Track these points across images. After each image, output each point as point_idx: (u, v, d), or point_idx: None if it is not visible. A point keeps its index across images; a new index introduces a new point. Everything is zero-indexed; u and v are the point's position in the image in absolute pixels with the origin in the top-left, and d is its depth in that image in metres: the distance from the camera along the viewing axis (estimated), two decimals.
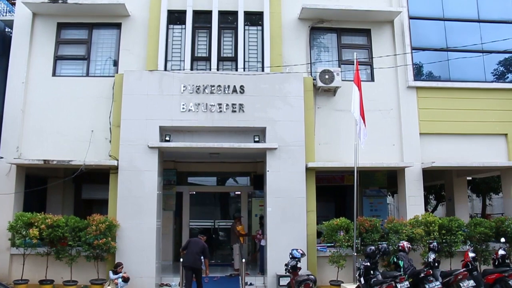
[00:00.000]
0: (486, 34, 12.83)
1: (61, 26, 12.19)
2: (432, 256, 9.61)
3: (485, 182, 18.36)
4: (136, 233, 10.54)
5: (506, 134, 12.34)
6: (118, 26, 12.18)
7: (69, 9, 11.84)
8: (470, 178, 16.83)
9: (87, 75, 11.98)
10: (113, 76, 11.63)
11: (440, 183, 17.61)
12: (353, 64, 11.02)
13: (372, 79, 12.25)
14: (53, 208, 12.99)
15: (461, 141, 12.19)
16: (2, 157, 11.12)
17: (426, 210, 13.16)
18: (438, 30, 12.86)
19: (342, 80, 11.66)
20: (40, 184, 12.53)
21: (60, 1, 11.60)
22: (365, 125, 10.38)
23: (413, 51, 12.42)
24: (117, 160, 10.89)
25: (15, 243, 10.40)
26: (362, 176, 13.62)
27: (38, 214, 10.27)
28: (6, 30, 13.35)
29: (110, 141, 11.26)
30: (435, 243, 9.90)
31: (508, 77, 13.02)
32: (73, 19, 12.15)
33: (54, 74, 11.89)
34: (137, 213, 10.62)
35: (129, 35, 12.07)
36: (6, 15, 13.73)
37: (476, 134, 12.27)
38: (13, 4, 14.14)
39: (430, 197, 21.36)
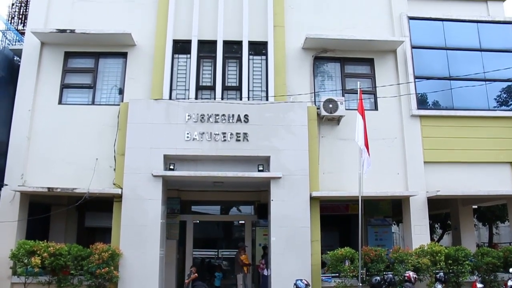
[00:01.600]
0: (488, 63, 12.93)
1: (68, 55, 12.36)
2: (439, 287, 9.45)
3: (490, 210, 18.19)
4: (139, 262, 10.43)
5: (510, 163, 12.28)
6: (124, 55, 12.35)
7: (77, 39, 12.03)
8: (475, 206, 16.68)
9: (93, 103, 12.08)
10: (119, 105, 11.73)
11: (446, 212, 17.44)
12: (357, 93, 11.08)
13: (376, 108, 12.31)
14: (56, 236, 12.91)
15: (466, 169, 12.11)
16: (6, 184, 11.13)
17: (432, 239, 13.00)
18: (441, 59, 12.96)
19: (346, 109, 11.70)
20: (43, 211, 12.48)
21: (68, 31, 11.80)
22: (369, 154, 10.35)
23: (416, 80, 12.48)
24: (121, 188, 10.88)
25: (16, 271, 10.26)
26: (367, 205, 13.44)
27: (40, 242, 10.20)
28: (15, 58, 13.59)
29: (115, 169, 11.26)
30: (441, 274, 9.74)
31: (511, 104, 13.02)
32: (80, 48, 12.32)
33: (60, 102, 11.99)
34: (140, 242, 10.53)
35: (135, 64, 12.22)
36: (15, 44, 14.00)
37: (480, 163, 12.20)
38: (23, 33, 14.42)
39: (436, 226, 21.16)
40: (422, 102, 12.58)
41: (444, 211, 17.37)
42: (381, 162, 11.61)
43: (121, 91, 12.17)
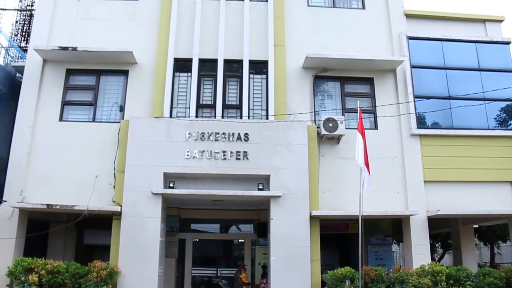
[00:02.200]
0: (487, 82, 13.02)
1: (70, 72, 12.44)
2: None
3: (491, 230, 18.09)
4: (138, 281, 10.33)
5: (511, 182, 12.28)
6: (125, 73, 12.43)
7: (79, 56, 12.12)
8: (476, 226, 16.60)
9: (94, 120, 12.11)
10: (119, 122, 11.77)
11: (446, 231, 17.36)
12: (357, 112, 11.13)
13: (376, 127, 12.35)
14: (55, 253, 12.82)
15: (466, 188, 12.11)
16: (5, 201, 11.10)
17: (432, 259, 12.91)
18: (440, 79, 13.05)
19: (346, 128, 11.73)
20: (42, 228, 12.42)
21: (70, 48, 11.90)
22: (369, 173, 10.35)
23: (416, 99, 12.54)
24: (121, 206, 10.85)
25: None
26: (367, 224, 13.38)
27: (38, 259, 10.09)
28: (17, 75, 13.68)
29: (114, 187, 11.24)
30: None
31: (510, 124, 13.07)
32: (82, 65, 12.41)
33: (61, 119, 12.03)
34: (139, 260, 10.45)
35: (136, 81, 12.30)
36: (18, 61, 14.14)
37: (481, 182, 12.20)
38: (25, 50, 14.57)
39: (437, 245, 21.01)
40: (421, 121, 12.62)
41: (444, 231, 17.29)
42: (381, 181, 11.60)
43: (121, 109, 12.22)
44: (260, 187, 11.29)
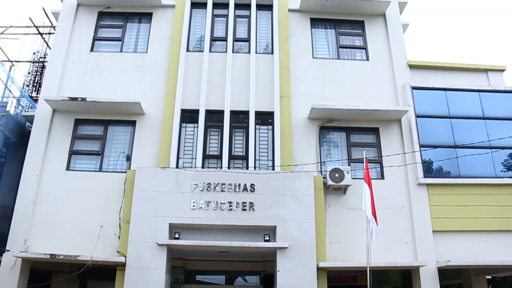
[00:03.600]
0: (492, 131, 13.05)
1: (78, 122, 12.61)
2: None
3: (507, 281, 17.58)
4: None
5: None
6: (132, 123, 12.59)
7: (87, 107, 12.33)
8: (489, 277, 16.15)
9: (100, 170, 12.16)
10: (125, 172, 11.80)
11: (458, 283, 16.86)
12: (363, 162, 11.13)
13: (382, 177, 12.30)
14: None
15: (477, 238, 11.87)
16: (8, 250, 11.00)
17: None
18: (445, 127, 13.10)
19: (352, 178, 11.70)
20: (44, 278, 12.23)
21: (79, 99, 12.12)
22: (376, 224, 10.22)
23: (422, 148, 12.54)
24: (125, 256, 10.70)
25: None
26: (376, 275, 13.11)
27: None
28: (27, 124, 13.90)
29: (119, 237, 11.13)
30: None
31: None
32: (90, 115, 12.61)
33: (68, 168, 12.08)
34: None
35: (143, 132, 12.44)
36: (28, 111, 14.39)
37: (491, 231, 11.96)
38: (36, 100, 14.85)
39: None
40: (428, 170, 12.57)
41: (456, 282, 16.78)
42: (389, 231, 11.44)
43: (128, 158, 12.29)
44: (267, 238, 11.14)
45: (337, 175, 11.53)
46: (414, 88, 13.32)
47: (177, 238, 11.02)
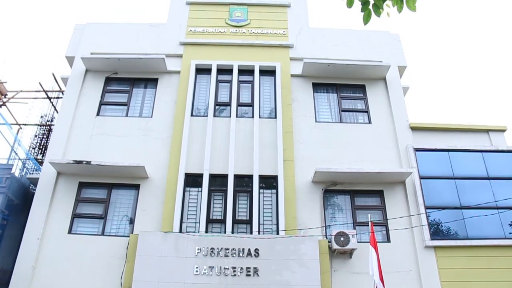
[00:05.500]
0: (498, 191, 12.93)
1: (82, 185, 12.63)
2: None
3: None
4: None
5: None
6: (136, 187, 12.60)
7: (92, 170, 12.39)
8: None
9: (103, 234, 12.03)
10: (128, 236, 11.66)
11: None
12: (368, 226, 11.00)
13: (388, 240, 12.10)
14: None
15: None
16: None
17: None
18: (450, 188, 13.01)
19: (358, 242, 11.50)
20: None
21: (84, 162, 12.21)
22: None
23: (427, 210, 12.44)
24: None
25: None
26: None
27: None
28: (31, 187, 13.94)
29: None
30: None
31: None
32: (94, 179, 12.64)
33: (70, 232, 11.97)
34: None
35: (147, 195, 12.42)
36: (33, 173, 14.48)
37: None
38: (41, 163, 14.98)
39: None
40: (435, 232, 12.39)
41: None
42: None
43: (131, 221, 12.20)
44: None
45: (342, 239, 11.37)
46: (417, 149, 13.38)
47: None
